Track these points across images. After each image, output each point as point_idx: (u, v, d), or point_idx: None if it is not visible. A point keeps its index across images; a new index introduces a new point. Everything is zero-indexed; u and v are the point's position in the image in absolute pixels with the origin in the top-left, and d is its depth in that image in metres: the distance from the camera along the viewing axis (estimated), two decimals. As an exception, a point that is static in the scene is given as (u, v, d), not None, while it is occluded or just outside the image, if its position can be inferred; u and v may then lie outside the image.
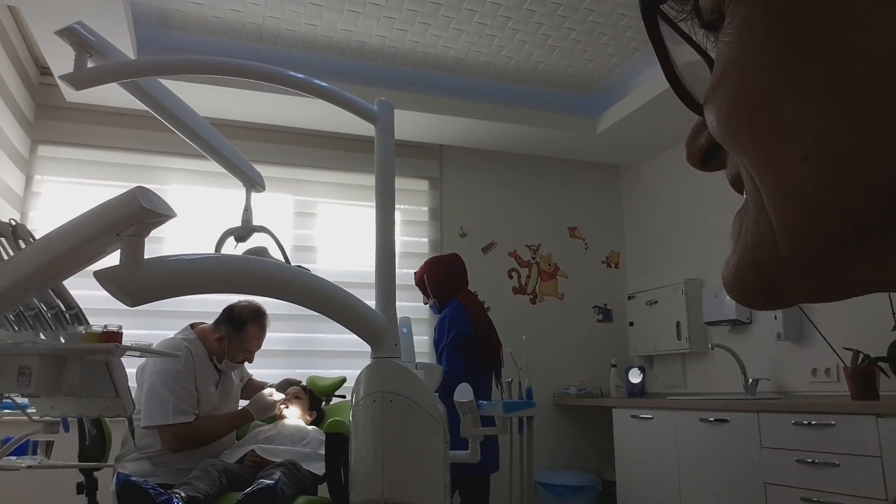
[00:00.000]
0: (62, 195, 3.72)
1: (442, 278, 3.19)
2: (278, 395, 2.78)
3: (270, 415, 2.76)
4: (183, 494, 2.02)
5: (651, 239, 4.67)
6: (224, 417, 2.61)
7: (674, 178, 4.49)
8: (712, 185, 4.09)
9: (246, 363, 2.77)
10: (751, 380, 3.53)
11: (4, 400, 1.76)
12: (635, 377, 4.32)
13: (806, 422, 2.66)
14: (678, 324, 4.09)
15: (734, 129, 0.28)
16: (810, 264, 0.27)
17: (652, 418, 3.53)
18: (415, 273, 3.35)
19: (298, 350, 3.86)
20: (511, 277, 4.56)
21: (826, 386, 3.25)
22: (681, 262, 4.34)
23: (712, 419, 3.13)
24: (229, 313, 2.69)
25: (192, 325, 2.74)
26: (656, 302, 4.31)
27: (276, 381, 3.02)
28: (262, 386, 2.95)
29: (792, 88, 0.26)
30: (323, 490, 2.40)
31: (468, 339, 3.01)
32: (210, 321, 2.76)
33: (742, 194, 0.30)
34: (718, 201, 4.03)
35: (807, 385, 3.36)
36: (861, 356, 2.81)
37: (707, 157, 0.32)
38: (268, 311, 2.81)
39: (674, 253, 4.43)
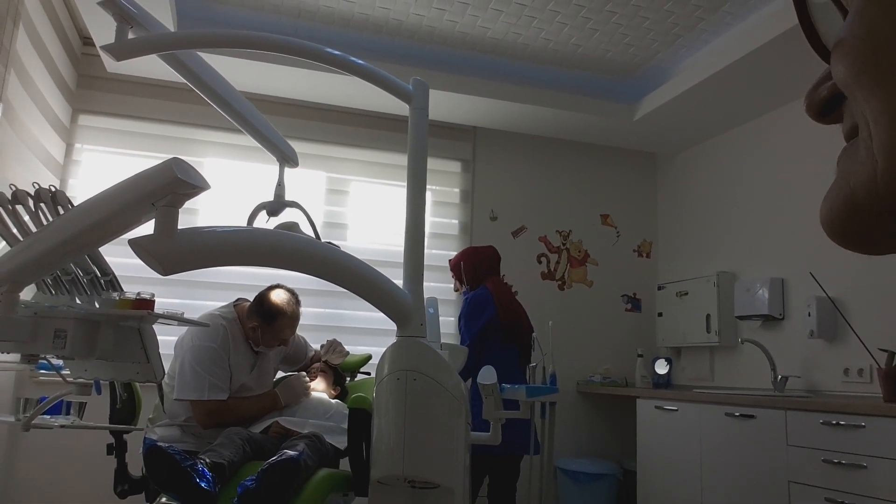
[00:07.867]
0: (101, 164, 3.79)
1: (477, 266, 3.35)
2: (314, 386, 2.84)
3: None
4: (207, 460, 2.06)
5: (685, 230, 4.59)
6: (255, 398, 2.66)
7: (711, 169, 4.40)
8: (749, 177, 4.01)
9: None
10: (780, 376, 3.47)
11: (41, 361, 1.81)
12: (661, 368, 4.28)
13: (835, 422, 2.61)
14: (708, 316, 4.03)
15: (858, 70, 0.28)
16: None
17: (677, 410, 3.50)
18: (450, 260, 3.52)
19: (325, 325, 3.90)
20: (540, 262, 4.53)
21: (858, 387, 3.18)
22: (714, 255, 4.27)
23: (738, 414, 3.09)
24: (260, 304, 2.66)
25: (237, 302, 2.77)
26: (687, 293, 4.26)
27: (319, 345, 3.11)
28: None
29: None
30: (344, 464, 2.43)
31: (491, 321, 3.10)
32: (251, 295, 2.78)
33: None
34: (756, 195, 3.94)
35: (838, 385, 3.29)
36: (896, 358, 2.74)
37: (825, 109, 0.33)
38: (296, 286, 2.84)
39: (707, 245, 4.36)
